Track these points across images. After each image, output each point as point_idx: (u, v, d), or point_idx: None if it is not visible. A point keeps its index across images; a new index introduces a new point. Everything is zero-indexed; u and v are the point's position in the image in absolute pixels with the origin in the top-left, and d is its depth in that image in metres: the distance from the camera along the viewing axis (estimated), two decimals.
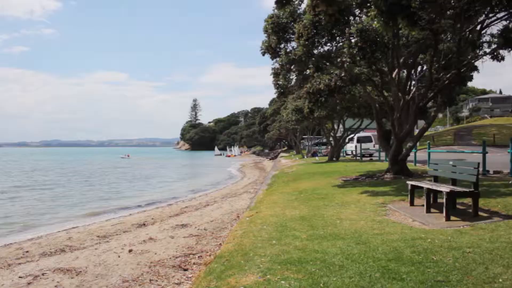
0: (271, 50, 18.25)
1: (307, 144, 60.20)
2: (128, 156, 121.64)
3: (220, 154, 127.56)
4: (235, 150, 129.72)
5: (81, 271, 9.41)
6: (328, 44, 17.49)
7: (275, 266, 5.88)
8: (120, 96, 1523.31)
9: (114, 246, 12.18)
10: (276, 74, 18.91)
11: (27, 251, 12.63)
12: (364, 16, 16.11)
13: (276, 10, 18.04)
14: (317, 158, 41.78)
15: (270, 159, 75.38)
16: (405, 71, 20.83)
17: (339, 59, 17.72)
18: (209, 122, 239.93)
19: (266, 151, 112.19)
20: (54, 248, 12.84)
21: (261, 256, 6.45)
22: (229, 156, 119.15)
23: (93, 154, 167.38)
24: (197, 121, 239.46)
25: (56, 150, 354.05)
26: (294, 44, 17.85)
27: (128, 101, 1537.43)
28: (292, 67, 18.53)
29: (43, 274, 9.44)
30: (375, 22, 12.86)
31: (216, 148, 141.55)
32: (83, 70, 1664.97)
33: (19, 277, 9.44)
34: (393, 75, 17.57)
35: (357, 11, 16.76)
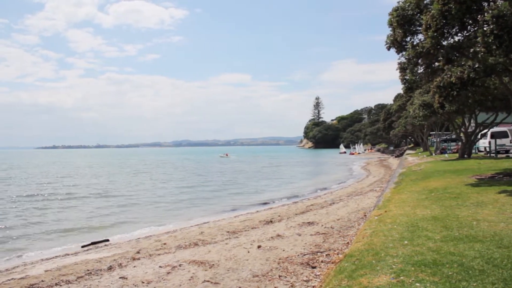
0: (396, 44, 17.63)
1: (435, 140, 57.15)
2: (227, 155, 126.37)
3: (344, 152, 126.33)
4: (359, 147, 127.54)
5: (213, 264, 9.90)
6: (459, 34, 16.45)
7: (408, 267, 5.68)
8: (243, 96, 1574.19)
9: (243, 241, 12.62)
10: (402, 68, 18.22)
11: (164, 243, 13.60)
12: (500, 1, 14.90)
13: (401, 3, 17.40)
14: (446, 155, 39.56)
15: (396, 157, 72.96)
16: None
17: (471, 50, 16.58)
18: (332, 120, 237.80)
19: (391, 148, 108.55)
20: (188, 241, 13.67)
21: (393, 257, 6.27)
22: (352, 154, 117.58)
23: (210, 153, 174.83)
24: (320, 119, 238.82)
25: (187, 149, 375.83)
26: (421, 36, 17.06)
27: (251, 101, 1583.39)
28: (419, 61, 17.73)
29: (180, 265, 10.11)
30: None
31: (341, 145, 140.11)
32: (209, 73, 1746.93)
33: (159, 266, 10.21)
34: None
35: None
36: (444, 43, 16.29)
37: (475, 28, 15.33)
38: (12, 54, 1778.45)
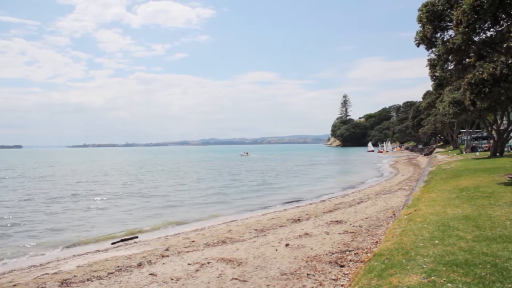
0: (426, 40, 17.37)
1: (465, 138, 56.14)
2: (247, 153, 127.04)
3: (372, 150, 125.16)
4: (387, 146, 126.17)
5: (241, 262, 9.92)
6: (491, 29, 16.08)
7: (440, 267, 5.59)
8: (270, 95, 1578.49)
9: (271, 240, 12.62)
10: (432, 65, 17.93)
11: (193, 241, 13.70)
12: None
13: None
14: (477, 153, 38.82)
15: (425, 155, 71.94)
16: None
17: (504, 45, 16.19)
18: (360, 118, 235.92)
19: (420, 146, 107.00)
20: (216, 239, 13.74)
21: (423, 256, 6.18)
22: (380, 152, 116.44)
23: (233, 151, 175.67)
24: (348, 117, 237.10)
25: (214, 148, 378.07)
26: (451, 32, 16.76)
27: (278, 99, 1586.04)
28: (450, 57, 17.41)
29: (208, 263, 10.17)
30: None
31: (369, 144, 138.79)
32: (235, 72, 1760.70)
33: (188, 264, 10.30)
34: None
35: None
36: (476, 38, 15.96)
37: (509, 23, 14.98)
38: (44, 56, 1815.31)
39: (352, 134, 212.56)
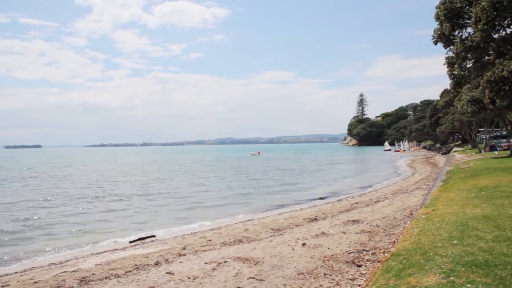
0: (444, 38, 17.20)
1: (483, 137, 55.43)
2: (259, 153, 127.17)
3: (389, 149, 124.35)
4: (404, 145, 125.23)
5: (258, 261, 9.92)
6: (511, 26, 15.86)
7: (459, 268, 5.52)
8: (287, 94, 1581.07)
9: (288, 239, 12.60)
10: (450, 63, 17.74)
11: (209, 240, 13.76)
12: None
13: None
14: (496, 152, 38.28)
15: (442, 154, 71.25)
16: None
17: None
18: (376, 117, 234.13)
19: (438, 145, 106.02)
20: (233, 238, 13.78)
21: (442, 256, 6.10)
22: (397, 151, 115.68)
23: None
24: (364, 116, 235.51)
25: (230, 147, 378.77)
26: (470, 29, 16.58)
27: (295, 98, 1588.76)
28: (468, 55, 17.21)
29: (225, 262, 10.19)
30: None
31: (386, 143, 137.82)
32: (251, 71, 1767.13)
33: (205, 262, 10.33)
34: None
35: None
36: (495, 36, 15.75)
37: None
38: (62, 56, 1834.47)
39: (369, 133, 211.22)
